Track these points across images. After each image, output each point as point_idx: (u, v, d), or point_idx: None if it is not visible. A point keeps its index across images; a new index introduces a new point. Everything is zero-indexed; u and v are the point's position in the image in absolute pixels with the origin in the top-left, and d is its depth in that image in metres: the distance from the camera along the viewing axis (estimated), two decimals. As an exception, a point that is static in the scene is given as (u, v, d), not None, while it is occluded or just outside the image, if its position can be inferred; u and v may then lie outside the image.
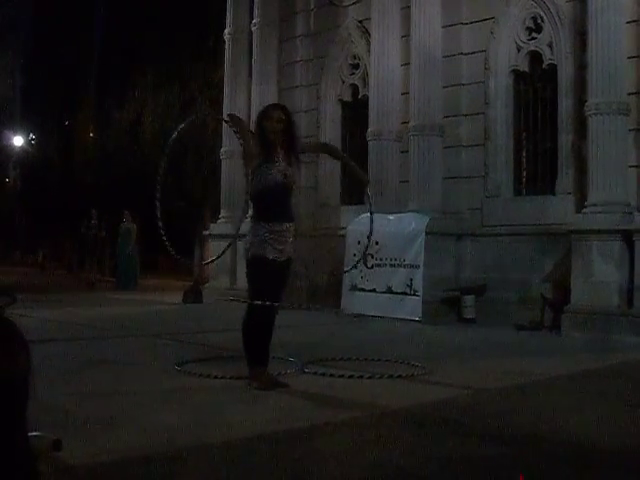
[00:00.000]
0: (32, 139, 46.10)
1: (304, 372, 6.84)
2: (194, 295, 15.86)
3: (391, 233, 12.58)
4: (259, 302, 5.98)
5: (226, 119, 6.57)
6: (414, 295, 12.10)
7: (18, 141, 44.34)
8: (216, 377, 6.43)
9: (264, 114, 6.36)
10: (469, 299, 12.07)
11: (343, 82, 15.59)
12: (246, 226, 6.55)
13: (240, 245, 15.14)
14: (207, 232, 17.88)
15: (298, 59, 16.33)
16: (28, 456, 1.67)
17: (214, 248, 16.96)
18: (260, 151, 6.23)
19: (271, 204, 6.14)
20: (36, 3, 48.02)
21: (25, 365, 1.65)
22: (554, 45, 12.28)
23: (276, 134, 6.21)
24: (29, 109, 45.10)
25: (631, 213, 10.63)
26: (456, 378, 6.83)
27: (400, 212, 12.93)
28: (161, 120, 31.37)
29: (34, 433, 1.72)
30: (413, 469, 3.97)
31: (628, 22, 11.08)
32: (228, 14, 17.18)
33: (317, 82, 15.88)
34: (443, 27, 13.13)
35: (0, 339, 1.63)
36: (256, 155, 6.23)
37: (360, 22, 15.01)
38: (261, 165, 6.18)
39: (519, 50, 12.77)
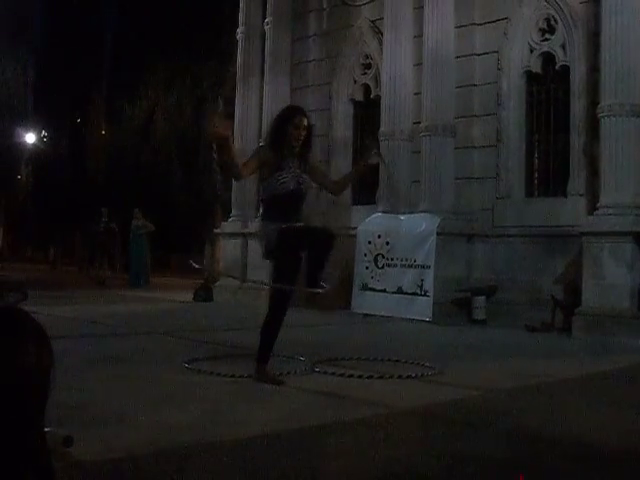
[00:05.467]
0: (44, 136, 46.23)
1: (314, 371, 6.84)
2: (205, 293, 15.91)
3: (402, 233, 12.58)
4: (279, 285, 6.11)
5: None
6: (425, 296, 12.08)
7: (30, 138, 44.46)
8: (226, 375, 6.44)
9: (289, 119, 6.24)
10: (480, 300, 12.04)
11: (355, 82, 15.58)
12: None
13: (251, 244, 15.26)
14: (218, 230, 17.89)
15: (310, 58, 16.33)
16: (44, 453, 1.67)
17: (225, 246, 16.98)
18: (275, 156, 6.15)
19: (283, 210, 6.13)
20: (49, 1, 48.14)
21: (47, 361, 1.65)
22: (567, 46, 12.24)
23: (299, 142, 6.18)
24: (42, 107, 45.21)
25: (643, 215, 10.61)
26: (466, 379, 6.82)
27: (411, 212, 12.92)
28: (173, 118, 31.46)
29: (45, 429, 1.72)
30: (422, 468, 3.96)
31: (642, 23, 11.04)
32: (241, 13, 17.19)
33: (329, 81, 15.87)
34: (456, 27, 13.10)
35: (20, 334, 1.63)
36: (269, 160, 6.15)
37: (373, 22, 15.00)
38: (275, 172, 6.13)
39: (532, 51, 12.73)
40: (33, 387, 1.61)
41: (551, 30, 12.48)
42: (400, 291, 12.42)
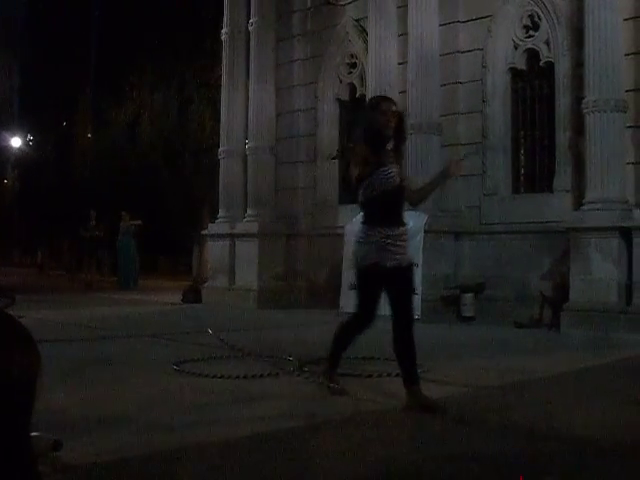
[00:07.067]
0: (30, 140, 46.09)
1: (303, 371, 6.84)
2: (193, 295, 15.90)
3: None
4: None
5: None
6: (413, 293, 12.06)
7: (16, 142, 44.33)
8: (214, 376, 6.44)
9: (376, 107, 5.82)
10: (468, 297, 12.06)
11: (341, 81, 15.57)
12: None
13: (239, 245, 15.24)
14: (205, 232, 17.84)
15: (295, 58, 16.31)
16: (30, 459, 1.66)
17: (212, 248, 16.93)
18: (371, 151, 5.70)
19: (388, 209, 5.78)
20: (34, 3, 47.96)
21: (33, 366, 1.64)
22: (551, 43, 12.27)
23: (390, 129, 5.72)
24: (27, 110, 45.08)
25: (629, 210, 10.63)
26: (456, 376, 6.83)
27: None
28: (159, 120, 31.40)
29: (34, 433, 1.71)
30: (414, 466, 3.97)
31: (625, 19, 11.07)
32: (225, 13, 17.14)
33: (314, 81, 15.86)
34: (440, 25, 13.10)
35: (6, 339, 1.63)
36: (369, 157, 5.69)
37: (357, 21, 14.99)
38: (377, 168, 5.68)
39: (516, 48, 12.75)
40: (19, 393, 1.60)
41: (535, 27, 12.50)
42: (389, 289, 12.39)
